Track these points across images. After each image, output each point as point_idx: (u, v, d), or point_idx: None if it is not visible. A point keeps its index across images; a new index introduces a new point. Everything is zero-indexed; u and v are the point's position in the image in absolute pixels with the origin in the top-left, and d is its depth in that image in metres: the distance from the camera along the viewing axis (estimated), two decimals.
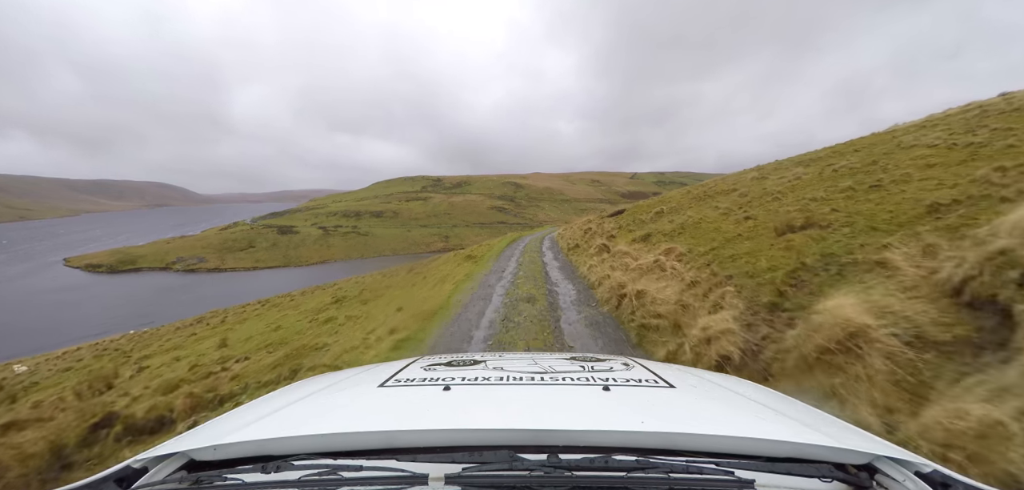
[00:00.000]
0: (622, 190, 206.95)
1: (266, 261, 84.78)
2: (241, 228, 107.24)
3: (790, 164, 15.46)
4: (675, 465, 0.78)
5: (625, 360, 1.60)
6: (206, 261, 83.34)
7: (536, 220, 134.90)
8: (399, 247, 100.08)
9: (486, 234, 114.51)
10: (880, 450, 0.85)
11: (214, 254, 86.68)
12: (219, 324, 22.86)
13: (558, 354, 1.78)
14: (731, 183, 15.95)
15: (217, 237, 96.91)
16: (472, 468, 0.79)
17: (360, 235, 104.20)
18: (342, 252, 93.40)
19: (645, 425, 0.89)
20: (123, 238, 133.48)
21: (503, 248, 21.04)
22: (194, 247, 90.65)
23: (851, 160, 11.20)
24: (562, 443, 0.86)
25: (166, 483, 0.82)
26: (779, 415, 1.07)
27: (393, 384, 1.24)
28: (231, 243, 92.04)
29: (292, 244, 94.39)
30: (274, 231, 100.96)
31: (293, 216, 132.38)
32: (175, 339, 19.89)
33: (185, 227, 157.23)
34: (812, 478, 0.81)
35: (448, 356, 1.65)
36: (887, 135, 13.51)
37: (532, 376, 1.25)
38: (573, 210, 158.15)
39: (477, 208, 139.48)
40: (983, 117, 10.75)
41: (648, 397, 1.12)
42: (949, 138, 9.68)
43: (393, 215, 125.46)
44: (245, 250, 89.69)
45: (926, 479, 0.80)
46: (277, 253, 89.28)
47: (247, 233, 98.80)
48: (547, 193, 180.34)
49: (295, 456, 0.85)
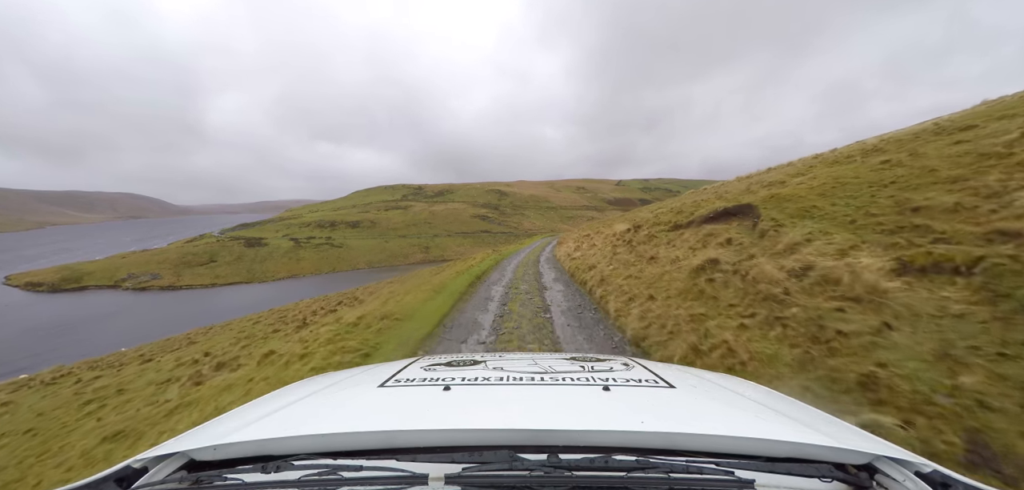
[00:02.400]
0: (608, 197, 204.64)
1: (227, 277, 78.12)
2: (206, 241, 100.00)
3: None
4: (675, 465, 0.79)
5: (625, 360, 1.61)
6: (160, 278, 76.31)
7: (521, 228, 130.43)
8: (376, 259, 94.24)
9: (469, 244, 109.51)
10: (880, 450, 0.85)
11: (170, 270, 79.65)
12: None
13: (558, 354, 1.79)
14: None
15: (177, 251, 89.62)
16: (472, 468, 0.79)
17: (334, 247, 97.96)
18: (313, 265, 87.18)
19: (645, 425, 0.89)
20: (82, 253, 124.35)
21: (477, 278, 13.37)
22: (150, 262, 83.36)
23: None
24: (562, 443, 0.86)
25: (166, 483, 0.83)
26: (779, 415, 1.08)
27: (393, 384, 1.24)
28: (190, 258, 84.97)
29: (258, 257, 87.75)
30: (240, 244, 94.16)
31: (264, 227, 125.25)
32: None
33: (154, 240, 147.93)
34: (812, 478, 0.81)
35: (448, 356, 1.64)
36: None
37: (532, 376, 1.26)
38: (559, 217, 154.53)
39: (460, 217, 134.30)
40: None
41: (648, 397, 1.13)
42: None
43: (371, 225, 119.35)
44: (205, 265, 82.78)
45: (926, 479, 0.80)
46: (241, 268, 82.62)
47: (210, 246, 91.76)
48: (532, 201, 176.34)
49: (295, 456, 0.85)
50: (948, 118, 13.16)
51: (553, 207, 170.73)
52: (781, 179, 12.33)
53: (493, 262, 20.36)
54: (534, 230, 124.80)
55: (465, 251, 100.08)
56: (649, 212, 22.34)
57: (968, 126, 9.21)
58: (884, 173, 8.02)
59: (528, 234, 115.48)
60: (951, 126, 10.22)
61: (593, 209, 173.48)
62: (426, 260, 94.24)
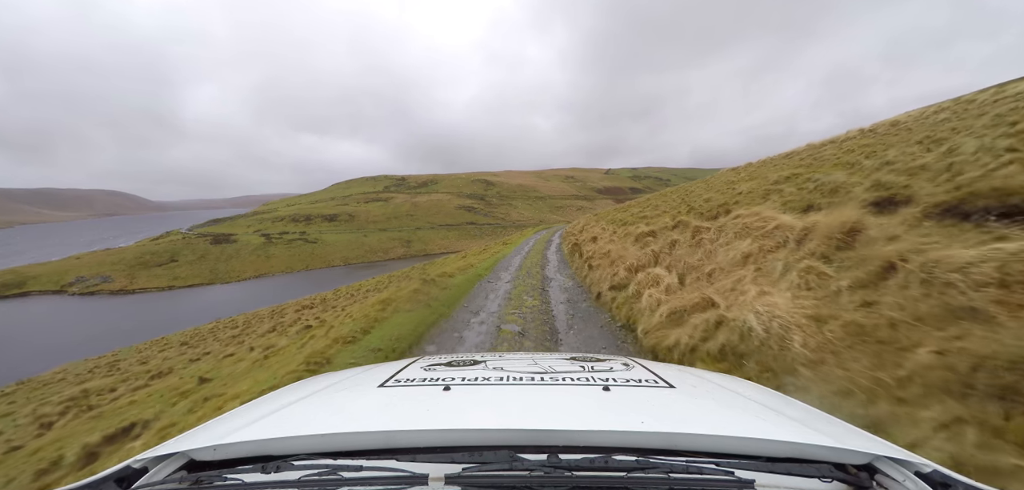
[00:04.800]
0: (597, 186, 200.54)
1: (187, 278, 71.71)
2: (171, 239, 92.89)
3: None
4: (675, 465, 0.78)
5: (625, 360, 1.60)
6: (111, 281, 69.64)
7: (509, 219, 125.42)
8: (352, 254, 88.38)
9: (453, 236, 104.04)
10: (880, 450, 0.85)
11: (124, 272, 72.88)
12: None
13: (558, 354, 1.75)
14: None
15: (135, 251, 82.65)
16: (472, 468, 0.79)
17: (308, 242, 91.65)
18: (284, 263, 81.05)
19: (645, 425, 0.89)
20: (43, 253, 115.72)
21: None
22: (103, 264, 76.44)
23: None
24: (562, 443, 0.86)
25: (166, 483, 0.82)
26: (779, 415, 1.08)
27: (393, 384, 1.24)
28: (149, 258, 78.15)
29: (223, 256, 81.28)
30: (206, 241, 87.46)
31: (235, 223, 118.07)
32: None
33: (124, 238, 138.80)
34: (812, 478, 0.80)
35: (448, 356, 1.63)
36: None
37: (532, 376, 1.26)
38: (548, 207, 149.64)
39: (444, 208, 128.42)
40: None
41: (648, 397, 1.12)
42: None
43: (348, 218, 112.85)
44: (164, 265, 76.09)
45: (926, 479, 0.79)
46: (203, 268, 76.18)
47: (173, 245, 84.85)
48: (520, 190, 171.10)
49: (295, 456, 0.85)
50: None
51: (542, 197, 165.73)
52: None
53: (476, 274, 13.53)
54: (523, 221, 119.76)
55: (449, 245, 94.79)
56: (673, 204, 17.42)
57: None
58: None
59: (517, 225, 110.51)
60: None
61: (582, 198, 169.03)
62: (407, 255, 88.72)
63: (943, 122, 11.98)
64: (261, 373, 6.57)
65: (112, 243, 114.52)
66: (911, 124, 15.32)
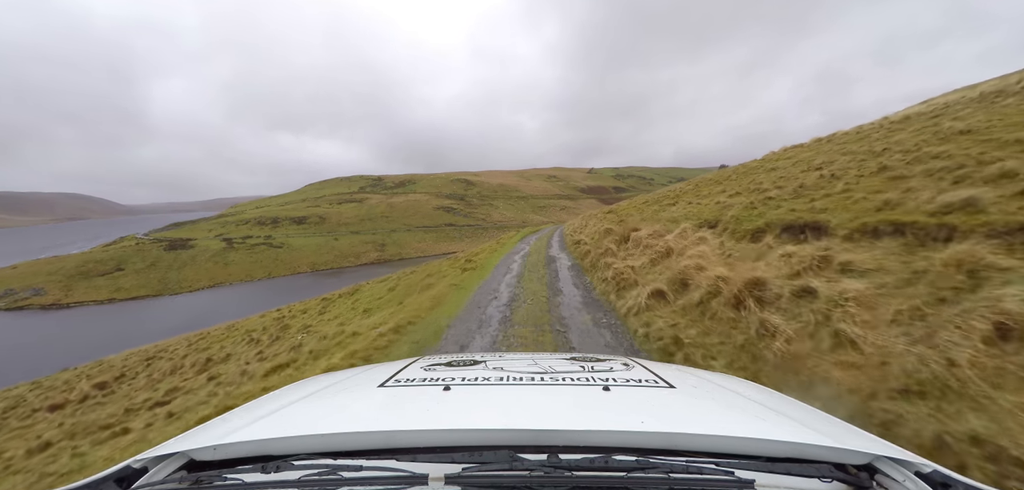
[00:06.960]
0: (580, 185, 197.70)
1: (131, 290, 65.02)
2: (123, 245, 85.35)
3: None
4: (675, 465, 0.78)
5: (625, 360, 1.60)
6: (44, 293, 62.59)
7: (490, 220, 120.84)
8: (321, 260, 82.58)
9: (431, 239, 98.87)
10: (880, 450, 0.85)
11: (60, 283, 65.75)
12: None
13: (558, 354, 1.75)
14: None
15: (77, 260, 75.19)
16: (472, 468, 0.79)
17: (273, 247, 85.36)
18: (244, 270, 74.83)
19: (645, 425, 0.89)
20: None
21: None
22: (39, 274, 69.02)
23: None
24: (562, 443, 0.86)
25: (166, 483, 0.82)
26: (779, 415, 1.08)
27: (393, 384, 1.24)
28: (92, 267, 70.96)
29: (176, 263, 74.58)
30: (160, 247, 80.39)
31: (197, 226, 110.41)
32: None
33: (80, 243, 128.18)
34: (812, 478, 0.81)
35: (448, 356, 1.63)
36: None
37: (532, 376, 1.26)
38: (530, 208, 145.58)
39: (421, 209, 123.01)
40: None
41: (648, 397, 1.13)
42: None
43: (319, 220, 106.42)
44: (107, 275, 69.10)
45: (926, 479, 0.80)
46: (152, 277, 69.45)
47: (122, 252, 77.60)
48: (501, 190, 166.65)
49: (295, 456, 0.85)
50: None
51: (524, 197, 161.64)
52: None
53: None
54: (504, 222, 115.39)
55: (426, 248, 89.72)
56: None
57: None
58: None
59: (498, 226, 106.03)
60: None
61: (565, 198, 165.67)
62: (381, 260, 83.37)
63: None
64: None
65: (65, 249, 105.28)
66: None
